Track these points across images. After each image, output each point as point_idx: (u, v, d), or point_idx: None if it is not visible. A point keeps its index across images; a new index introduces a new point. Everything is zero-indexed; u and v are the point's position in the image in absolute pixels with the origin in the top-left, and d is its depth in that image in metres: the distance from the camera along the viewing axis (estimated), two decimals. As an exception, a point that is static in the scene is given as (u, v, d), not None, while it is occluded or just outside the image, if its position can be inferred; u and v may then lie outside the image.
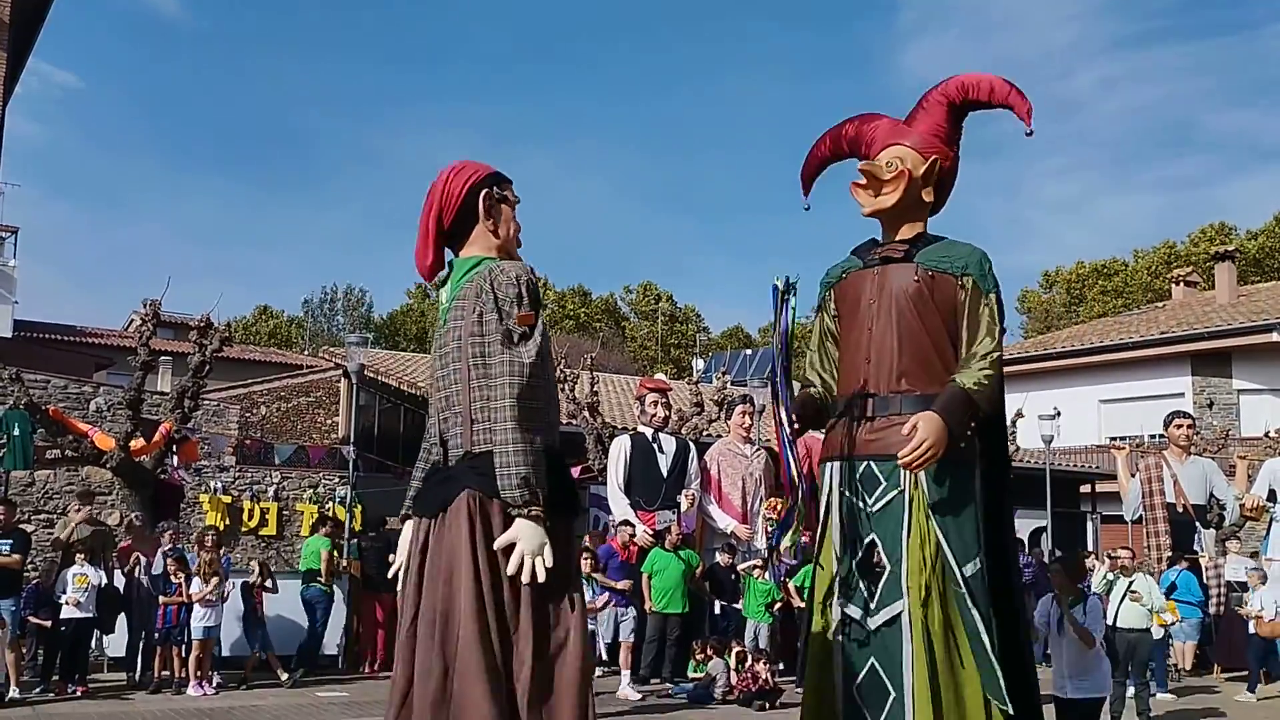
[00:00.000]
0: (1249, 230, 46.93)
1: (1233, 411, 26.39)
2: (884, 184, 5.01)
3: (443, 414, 3.61)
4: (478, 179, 3.71)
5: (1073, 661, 6.22)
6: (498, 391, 3.42)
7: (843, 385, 4.93)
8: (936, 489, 4.58)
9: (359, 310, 55.43)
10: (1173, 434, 9.96)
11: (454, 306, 3.59)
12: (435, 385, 3.67)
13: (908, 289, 4.91)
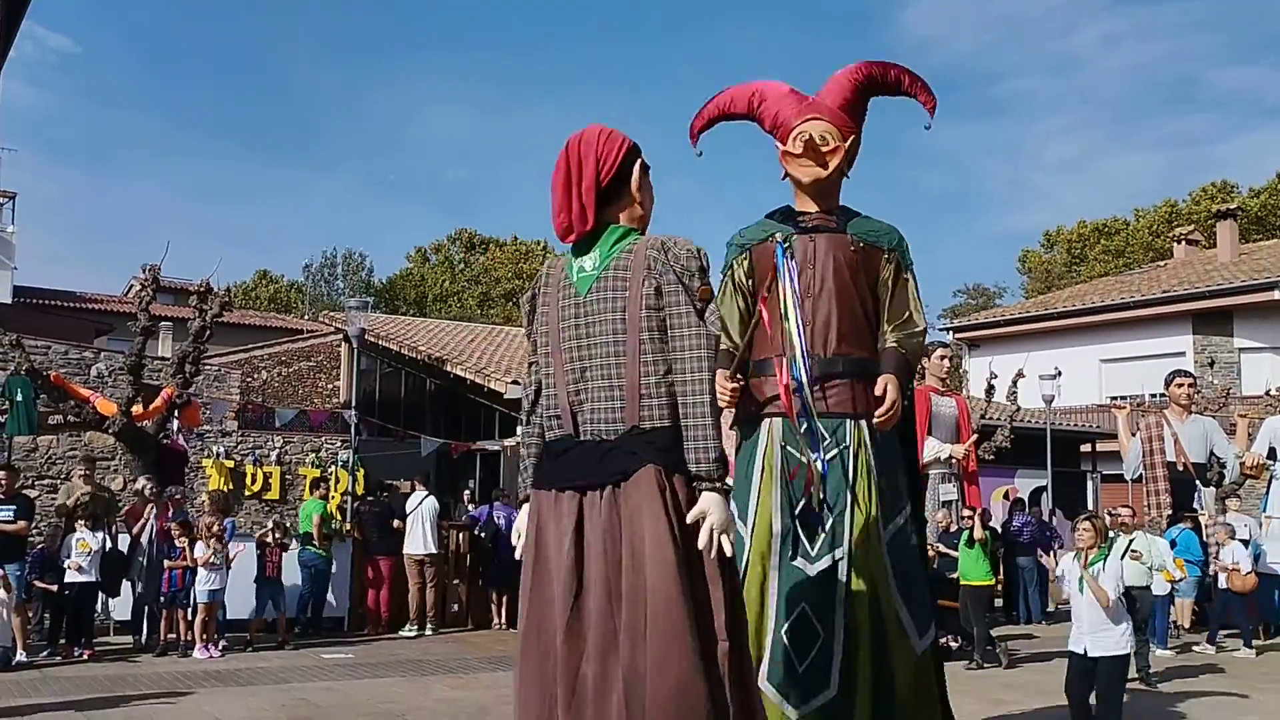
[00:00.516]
0: (1251, 188, 46.68)
1: (1234, 370, 26.40)
2: (826, 155, 5.24)
3: (577, 384, 3.52)
4: (630, 147, 3.66)
5: (1093, 620, 6.22)
6: (691, 365, 3.41)
7: (772, 346, 5.12)
8: (875, 447, 4.96)
9: (359, 274, 55.34)
10: (1173, 393, 9.96)
11: (606, 275, 3.52)
12: (563, 355, 3.56)
13: (847, 258, 5.19)
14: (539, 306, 3.69)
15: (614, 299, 3.48)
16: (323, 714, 7.33)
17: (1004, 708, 7.91)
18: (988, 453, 16.10)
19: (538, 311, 3.69)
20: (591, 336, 3.50)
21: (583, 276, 3.58)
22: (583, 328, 3.52)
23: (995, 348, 29.54)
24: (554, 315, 3.60)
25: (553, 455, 3.60)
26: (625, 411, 3.44)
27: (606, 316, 3.49)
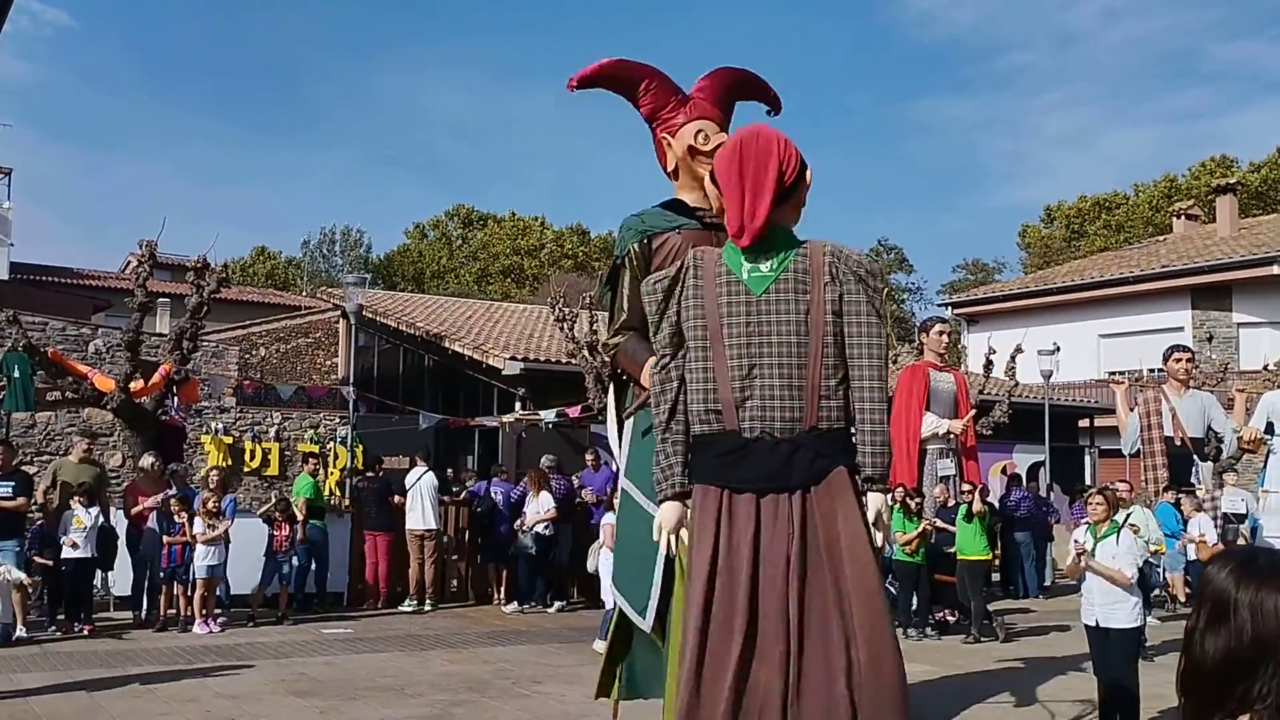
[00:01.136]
0: (1251, 163, 46.55)
1: (1232, 345, 26.41)
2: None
3: (744, 381, 3.60)
4: (800, 153, 3.78)
5: (1103, 592, 6.21)
6: (873, 370, 3.59)
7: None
8: None
9: (357, 251, 55.22)
10: (1171, 368, 9.95)
11: (785, 277, 3.67)
12: (727, 351, 3.63)
13: None
14: (690, 297, 3.74)
15: (796, 301, 3.62)
16: (322, 688, 7.36)
17: (1001, 681, 7.95)
18: (986, 428, 16.12)
19: (687, 302, 3.75)
20: (766, 335, 3.62)
21: (757, 276, 3.70)
22: (756, 326, 3.63)
23: (994, 323, 29.53)
24: (714, 309, 3.67)
25: (720, 453, 3.62)
26: (804, 411, 3.58)
27: (787, 317, 3.62)
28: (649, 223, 5.65)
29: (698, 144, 5.64)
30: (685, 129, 5.73)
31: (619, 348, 5.47)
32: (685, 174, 5.78)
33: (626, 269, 5.56)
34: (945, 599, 10.76)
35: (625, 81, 5.83)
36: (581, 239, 55.66)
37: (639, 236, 5.59)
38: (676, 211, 5.71)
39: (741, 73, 6.08)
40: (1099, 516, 6.49)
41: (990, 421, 16.76)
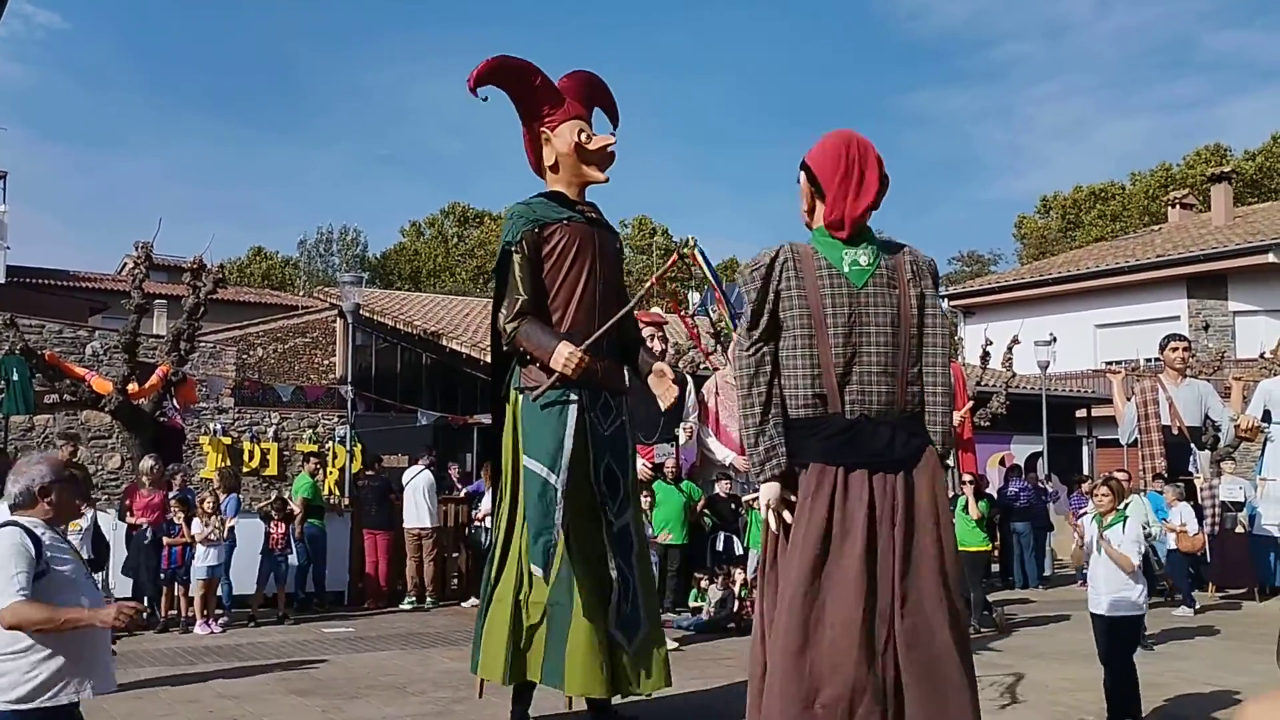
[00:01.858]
0: (1246, 151, 46.56)
1: (1228, 333, 26.44)
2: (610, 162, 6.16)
3: (845, 366, 3.93)
4: None
5: (1109, 580, 6.20)
6: (941, 363, 4.06)
7: (566, 323, 5.96)
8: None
9: (354, 250, 55.17)
10: (1168, 357, 9.96)
11: (880, 273, 4.00)
12: (830, 338, 3.92)
13: (616, 255, 6.30)
14: (792, 287, 3.96)
15: (890, 296, 4.00)
16: (324, 687, 7.37)
17: (1001, 672, 7.97)
18: (983, 419, 16.14)
19: (789, 291, 3.96)
20: (866, 326, 3.95)
21: (857, 269, 3.99)
22: (858, 316, 3.94)
23: (990, 314, 29.55)
24: (816, 299, 3.94)
25: (829, 434, 3.93)
26: (895, 396, 3.97)
27: (883, 311, 3.97)
28: (539, 212, 6.02)
29: (582, 142, 6.08)
30: (566, 126, 6.10)
31: (517, 330, 5.87)
32: (567, 169, 6.15)
33: (518, 254, 5.93)
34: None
35: (516, 77, 6.11)
36: (577, 235, 55.65)
37: (530, 225, 5.95)
38: (560, 204, 6.11)
39: (598, 79, 6.50)
40: (1105, 507, 6.47)
41: (987, 413, 16.78)
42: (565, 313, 5.97)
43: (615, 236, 6.40)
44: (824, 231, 4.07)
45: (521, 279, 5.88)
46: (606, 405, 6.01)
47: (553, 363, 5.73)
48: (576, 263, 5.98)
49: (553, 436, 5.75)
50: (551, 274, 5.97)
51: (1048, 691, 7.24)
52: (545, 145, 6.20)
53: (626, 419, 6.18)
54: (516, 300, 5.88)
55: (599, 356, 5.91)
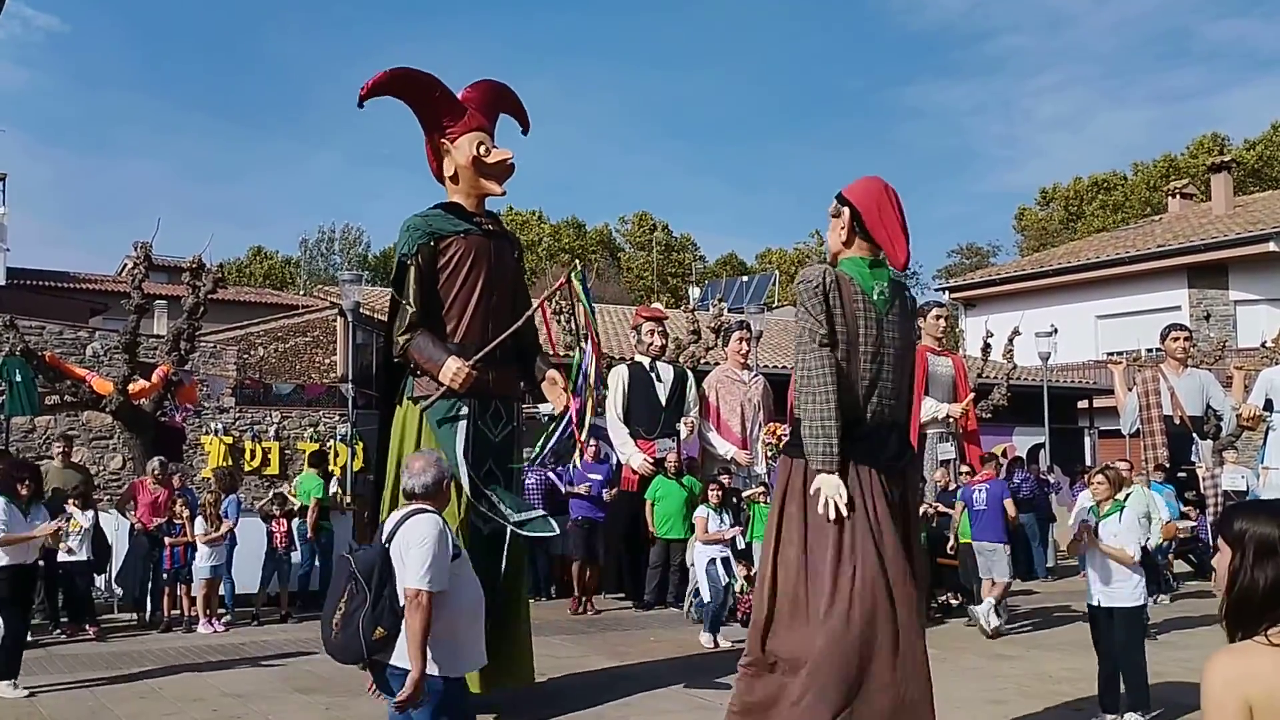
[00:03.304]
0: (1245, 140, 46.48)
1: (1229, 323, 26.41)
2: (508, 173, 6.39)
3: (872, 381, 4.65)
4: None
5: (1105, 570, 6.19)
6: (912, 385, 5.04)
7: (461, 333, 6.18)
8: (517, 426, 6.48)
9: (355, 249, 55.13)
10: (1169, 347, 9.96)
11: (895, 302, 4.74)
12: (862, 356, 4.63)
13: (514, 265, 6.51)
14: (836, 308, 4.61)
15: (903, 323, 4.79)
16: (328, 684, 7.36)
17: (1003, 663, 7.97)
18: (985, 411, 16.13)
19: (836, 310, 4.61)
20: (885, 346, 4.67)
21: (882, 298, 4.69)
22: (880, 339, 4.65)
23: (991, 306, 29.52)
24: (854, 321, 4.63)
25: (858, 438, 4.59)
26: (899, 409, 4.79)
27: (897, 335, 4.74)
28: (435, 225, 6.19)
29: (480, 155, 6.24)
30: (465, 139, 6.26)
31: (409, 343, 6.07)
32: (465, 181, 6.29)
33: (413, 268, 6.12)
34: (947, 582, 10.77)
35: (412, 89, 6.27)
36: (577, 233, 55.69)
37: (425, 239, 6.12)
38: (458, 216, 6.28)
39: (504, 88, 6.67)
40: (1102, 495, 6.45)
41: (989, 404, 16.78)
42: (460, 323, 6.20)
43: (513, 246, 6.63)
44: (859, 262, 4.72)
45: (415, 292, 6.09)
46: (498, 412, 6.29)
47: (441, 376, 5.98)
48: (472, 274, 6.20)
49: (449, 452, 5.95)
50: (447, 286, 6.18)
51: (1051, 681, 7.25)
52: (445, 156, 6.35)
53: (516, 424, 6.46)
54: (408, 313, 6.10)
55: (491, 366, 6.15)
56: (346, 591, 3.97)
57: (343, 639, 3.95)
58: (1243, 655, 2.08)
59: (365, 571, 3.95)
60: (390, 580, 3.94)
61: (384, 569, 3.95)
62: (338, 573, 4.13)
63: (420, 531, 3.99)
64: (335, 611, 3.98)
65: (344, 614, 3.94)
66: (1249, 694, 2.00)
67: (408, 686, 3.87)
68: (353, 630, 3.90)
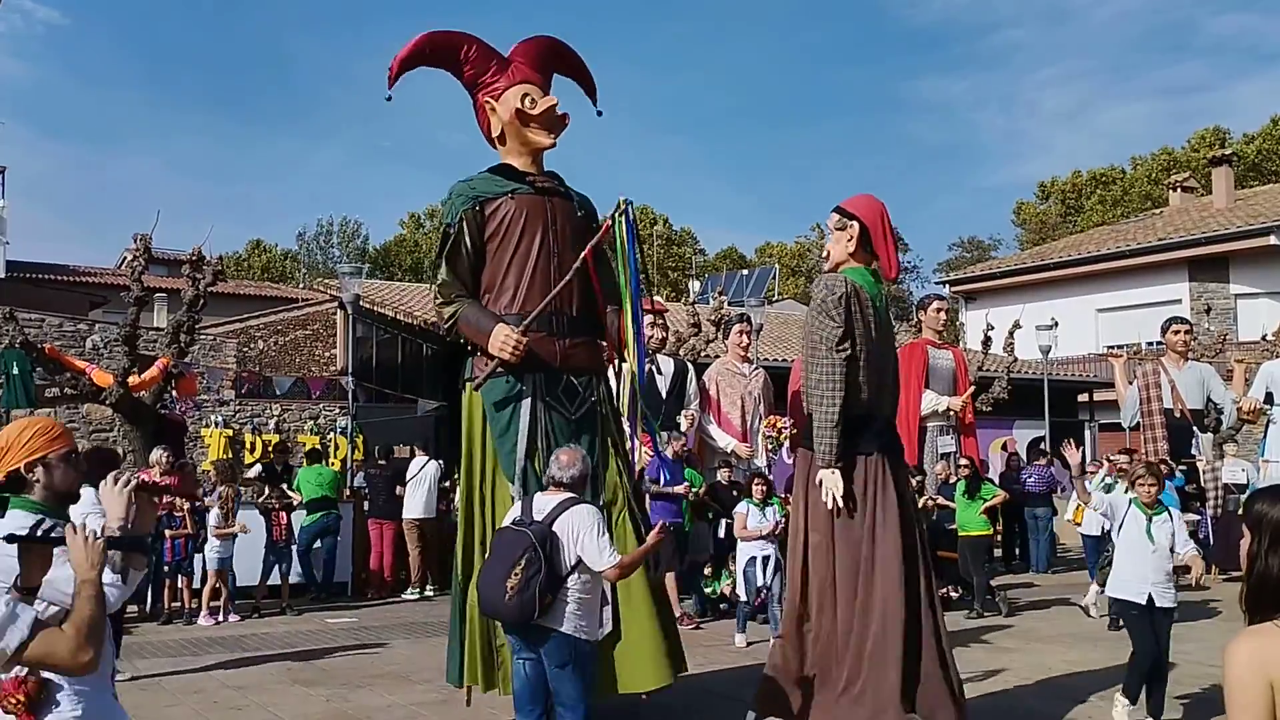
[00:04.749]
0: (1246, 134, 46.42)
1: (1230, 316, 26.40)
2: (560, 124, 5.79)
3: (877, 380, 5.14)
4: None
5: (1159, 570, 5.90)
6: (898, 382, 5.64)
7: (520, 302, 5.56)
8: (612, 403, 5.84)
9: (354, 242, 55.09)
10: (1170, 340, 9.95)
11: (887, 311, 5.28)
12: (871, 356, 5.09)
13: (575, 224, 5.84)
14: (854, 315, 5.01)
15: (891, 328, 5.36)
16: (328, 676, 7.38)
17: (1004, 656, 7.98)
18: (985, 404, 16.12)
19: (855, 318, 5.02)
20: (887, 349, 5.24)
21: (880, 305, 5.17)
22: (879, 342, 5.13)
23: (992, 300, 29.51)
24: (865, 326, 5.06)
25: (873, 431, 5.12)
26: (893, 405, 5.42)
27: (889, 338, 5.31)
28: (480, 189, 5.65)
29: (525, 107, 5.71)
30: (510, 93, 5.74)
31: (457, 315, 5.55)
32: (513, 138, 5.78)
33: (456, 236, 5.58)
34: (947, 575, 10.77)
35: (444, 53, 5.80)
36: (577, 225, 55.51)
37: (470, 203, 5.59)
38: (506, 176, 5.74)
39: (561, 45, 6.10)
40: (1150, 497, 6.05)
41: (989, 398, 16.76)
42: (518, 291, 5.59)
43: (575, 204, 5.90)
44: (862, 272, 5.14)
45: (460, 263, 5.56)
46: (571, 389, 5.59)
47: (490, 347, 5.42)
48: (525, 236, 5.59)
49: (506, 441, 5.52)
50: (500, 252, 5.60)
51: (1051, 674, 7.25)
52: (490, 115, 5.84)
53: (598, 399, 5.68)
54: (452, 285, 5.58)
55: (559, 334, 5.56)
56: (524, 560, 4.35)
57: (518, 603, 4.34)
58: (1264, 637, 2.11)
59: (542, 544, 4.38)
60: (556, 554, 4.42)
61: (553, 545, 4.42)
62: (509, 542, 4.48)
63: (591, 518, 4.53)
64: (509, 576, 4.35)
65: (521, 580, 4.33)
66: (1272, 675, 2.04)
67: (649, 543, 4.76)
68: (530, 594, 4.33)
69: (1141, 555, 5.97)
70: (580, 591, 4.50)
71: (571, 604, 4.48)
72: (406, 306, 20.82)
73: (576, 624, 4.49)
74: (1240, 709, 2.05)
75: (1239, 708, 2.06)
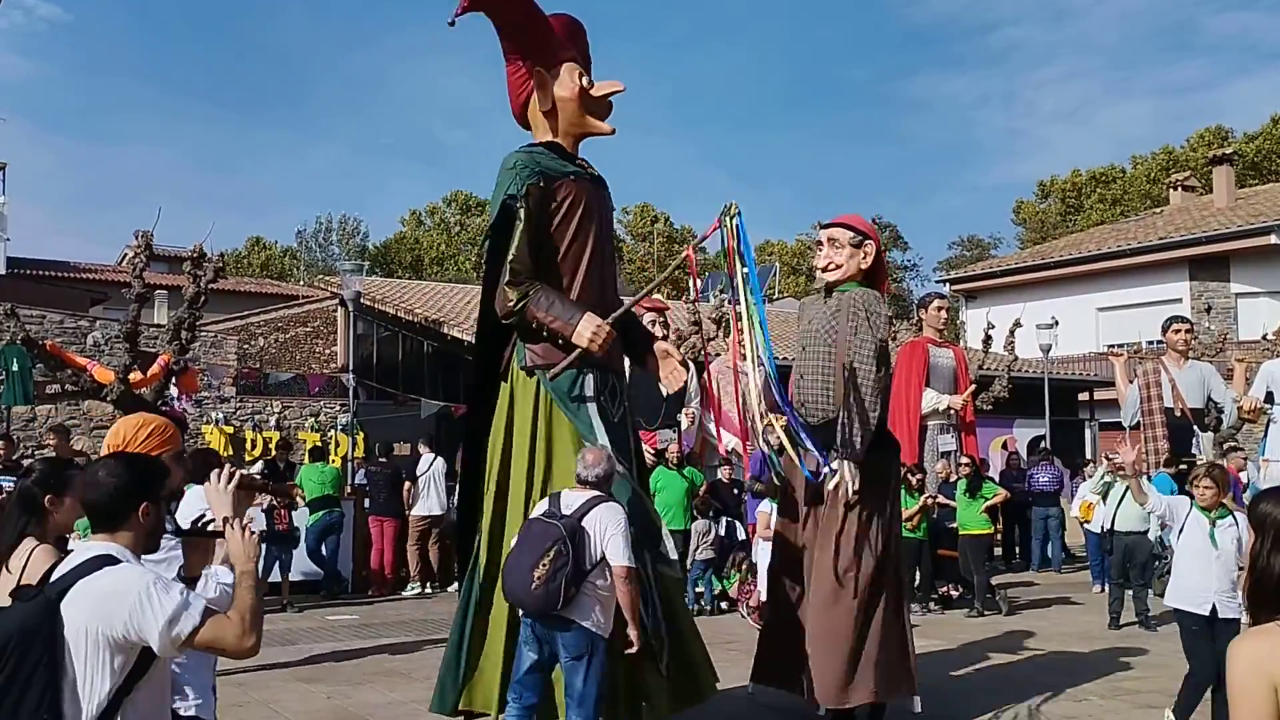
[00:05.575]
0: (1247, 133, 46.39)
1: (1230, 315, 26.39)
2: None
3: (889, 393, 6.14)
4: None
5: (1224, 576, 5.57)
6: None
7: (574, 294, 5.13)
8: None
9: (354, 239, 55.05)
10: (1170, 339, 9.96)
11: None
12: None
13: (612, 216, 5.61)
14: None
15: None
16: (329, 673, 7.39)
17: (1004, 653, 7.98)
18: (986, 403, 16.12)
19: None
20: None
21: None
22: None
23: (992, 298, 29.50)
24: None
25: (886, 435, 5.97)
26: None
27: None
28: (544, 164, 5.13)
29: (586, 86, 5.25)
30: (566, 68, 5.26)
31: (528, 299, 4.96)
32: (567, 117, 5.26)
33: (523, 210, 4.99)
34: (948, 573, 10.79)
35: (509, 4, 5.17)
36: (578, 223, 55.44)
37: (535, 178, 5.06)
38: (558, 157, 5.25)
39: (580, 24, 5.67)
40: (1211, 501, 5.72)
41: (990, 396, 16.76)
42: (573, 281, 5.15)
43: (608, 193, 5.54)
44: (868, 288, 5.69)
45: (527, 239, 4.98)
46: (614, 389, 5.28)
47: (576, 337, 4.93)
48: (583, 226, 5.17)
49: (588, 434, 5.07)
50: (557, 236, 5.11)
51: (1053, 673, 7.25)
52: (539, 89, 5.26)
53: (628, 405, 5.44)
54: (521, 265, 4.97)
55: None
56: (553, 551, 4.43)
57: (543, 592, 4.42)
58: (1267, 638, 2.10)
59: (571, 536, 4.47)
60: (583, 549, 4.50)
61: (581, 539, 4.50)
62: (538, 533, 4.55)
63: (618, 516, 4.61)
64: (537, 567, 4.42)
65: (549, 571, 4.41)
66: (1275, 675, 2.03)
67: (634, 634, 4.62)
68: (555, 585, 4.41)
69: (1204, 562, 5.60)
70: (602, 588, 4.58)
71: (592, 599, 4.56)
72: (407, 304, 20.82)
73: (595, 619, 4.57)
74: (1243, 710, 2.04)
75: (1242, 710, 2.05)
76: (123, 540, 2.62)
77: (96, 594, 2.46)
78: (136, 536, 2.65)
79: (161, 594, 2.46)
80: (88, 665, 2.44)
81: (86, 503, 2.69)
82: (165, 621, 2.43)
